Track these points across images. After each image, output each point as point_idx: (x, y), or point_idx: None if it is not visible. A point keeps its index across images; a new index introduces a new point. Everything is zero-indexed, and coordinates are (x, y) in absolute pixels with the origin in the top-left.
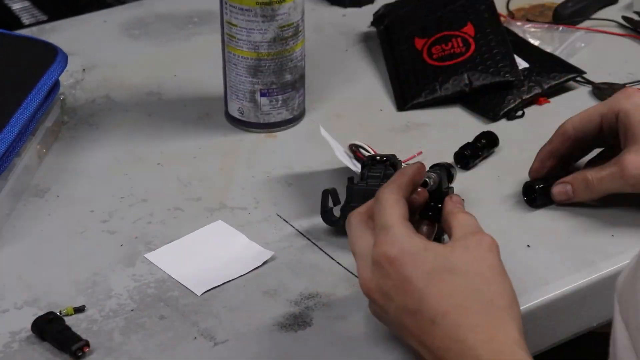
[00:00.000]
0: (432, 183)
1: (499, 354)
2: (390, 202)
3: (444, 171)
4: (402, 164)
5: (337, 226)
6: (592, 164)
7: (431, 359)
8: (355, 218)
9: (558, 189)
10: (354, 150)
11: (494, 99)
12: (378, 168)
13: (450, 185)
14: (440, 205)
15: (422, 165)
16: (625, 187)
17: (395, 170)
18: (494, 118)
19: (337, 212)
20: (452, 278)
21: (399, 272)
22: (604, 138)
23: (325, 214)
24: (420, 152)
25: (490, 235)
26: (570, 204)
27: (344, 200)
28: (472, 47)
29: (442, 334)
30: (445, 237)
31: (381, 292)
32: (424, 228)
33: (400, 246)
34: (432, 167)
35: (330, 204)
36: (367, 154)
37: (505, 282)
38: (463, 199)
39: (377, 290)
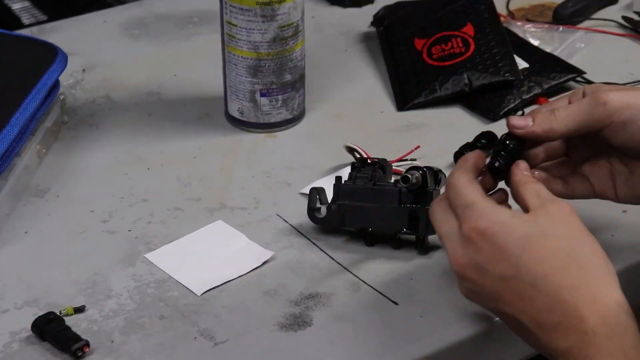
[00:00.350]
0: (413, 180)
1: (604, 316)
2: (464, 183)
3: (432, 173)
4: (393, 165)
5: (322, 224)
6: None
7: (533, 325)
8: (437, 205)
9: (516, 118)
10: (349, 152)
11: (494, 99)
12: (367, 170)
13: (437, 188)
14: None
15: (481, 152)
16: (597, 120)
17: (384, 173)
18: (494, 118)
19: (324, 211)
20: (545, 242)
21: (491, 242)
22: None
23: (311, 211)
24: (419, 146)
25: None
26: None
27: (331, 199)
28: (472, 47)
29: (544, 297)
30: None
31: (475, 267)
32: None
33: (487, 218)
34: (418, 167)
35: (318, 203)
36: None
37: (595, 242)
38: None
39: (471, 266)
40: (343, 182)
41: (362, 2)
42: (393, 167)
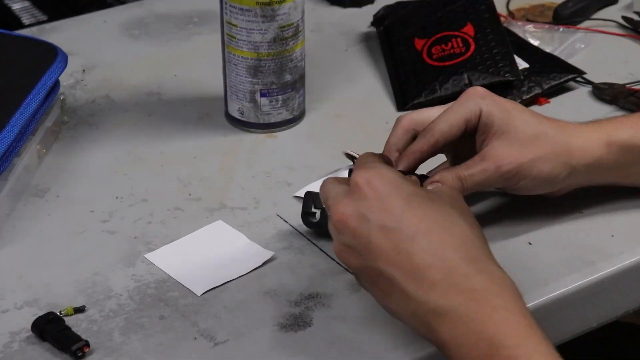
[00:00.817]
0: None
1: (490, 275)
2: (370, 157)
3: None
4: None
5: (315, 229)
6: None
7: (407, 282)
8: (329, 178)
9: (431, 188)
10: (348, 158)
11: None
12: None
13: None
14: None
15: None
16: (499, 182)
17: None
18: None
19: (319, 216)
20: (432, 203)
21: (377, 191)
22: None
23: (305, 216)
24: None
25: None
26: (570, 204)
27: None
28: (472, 47)
29: (424, 253)
30: None
31: (357, 215)
32: None
33: (378, 171)
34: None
35: (312, 207)
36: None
37: (475, 223)
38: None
39: (353, 214)
40: None
41: (362, 2)
42: None
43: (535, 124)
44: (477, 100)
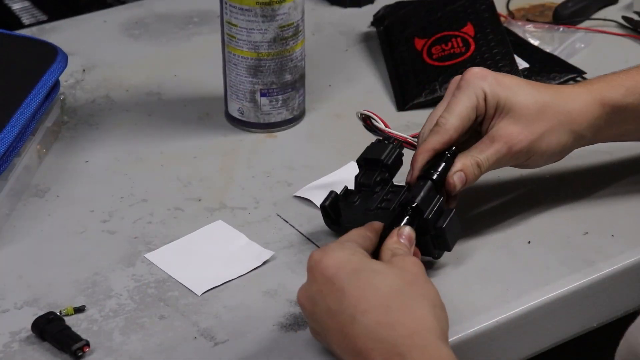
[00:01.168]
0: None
1: (422, 349)
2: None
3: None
4: (403, 145)
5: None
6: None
7: None
8: None
9: (457, 177)
10: (364, 118)
11: None
12: (370, 176)
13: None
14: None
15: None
16: (510, 162)
17: (390, 175)
18: None
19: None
20: (374, 277)
21: (323, 274)
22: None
23: (332, 226)
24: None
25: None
26: (570, 204)
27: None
28: (472, 47)
29: (364, 334)
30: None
31: (309, 298)
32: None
33: (326, 251)
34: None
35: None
36: (378, 125)
37: (430, 287)
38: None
39: (306, 297)
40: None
41: (362, 2)
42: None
43: (537, 96)
44: (479, 83)
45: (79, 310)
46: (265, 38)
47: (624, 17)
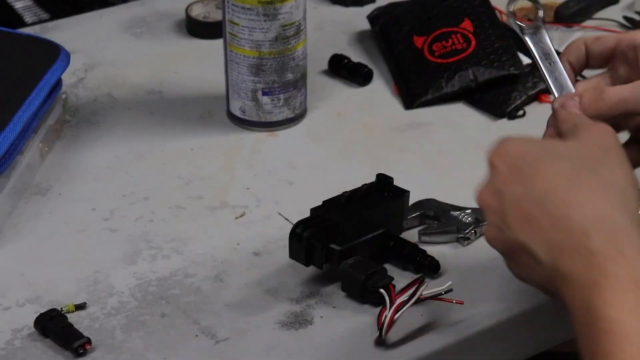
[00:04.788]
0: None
1: (612, 234)
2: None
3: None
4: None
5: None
6: None
7: (540, 248)
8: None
9: (567, 100)
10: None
11: (500, 96)
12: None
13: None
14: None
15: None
16: None
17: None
18: (501, 115)
19: None
20: (561, 162)
21: (508, 163)
22: (613, 66)
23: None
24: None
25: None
26: None
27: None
28: (473, 43)
29: (549, 214)
30: None
31: (493, 192)
32: None
33: (506, 143)
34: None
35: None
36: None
37: (624, 165)
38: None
39: (490, 192)
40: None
41: (363, 1)
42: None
43: None
44: (637, 32)
45: (80, 307)
46: (267, 37)
47: (625, 17)
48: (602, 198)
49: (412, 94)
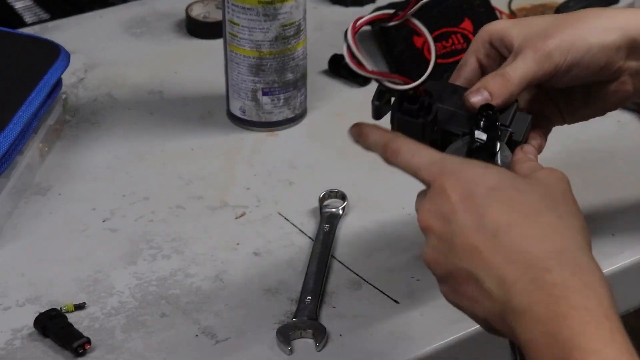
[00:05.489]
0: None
1: (574, 267)
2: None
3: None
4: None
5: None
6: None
7: (491, 282)
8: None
9: (475, 96)
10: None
11: None
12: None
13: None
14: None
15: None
16: (546, 73)
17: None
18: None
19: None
20: (518, 195)
21: (459, 188)
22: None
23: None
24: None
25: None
26: None
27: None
28: None
29: (506, 247)
30: None
31: (440, 217)
32: None
33: (461, 166)
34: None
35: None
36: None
37: (579, 210)
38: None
39: (437, 216)
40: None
41: (364, 1)
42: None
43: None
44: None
45: (79, 307)
46: (267, 37)
47: None
48: (562, 236)
49: None
